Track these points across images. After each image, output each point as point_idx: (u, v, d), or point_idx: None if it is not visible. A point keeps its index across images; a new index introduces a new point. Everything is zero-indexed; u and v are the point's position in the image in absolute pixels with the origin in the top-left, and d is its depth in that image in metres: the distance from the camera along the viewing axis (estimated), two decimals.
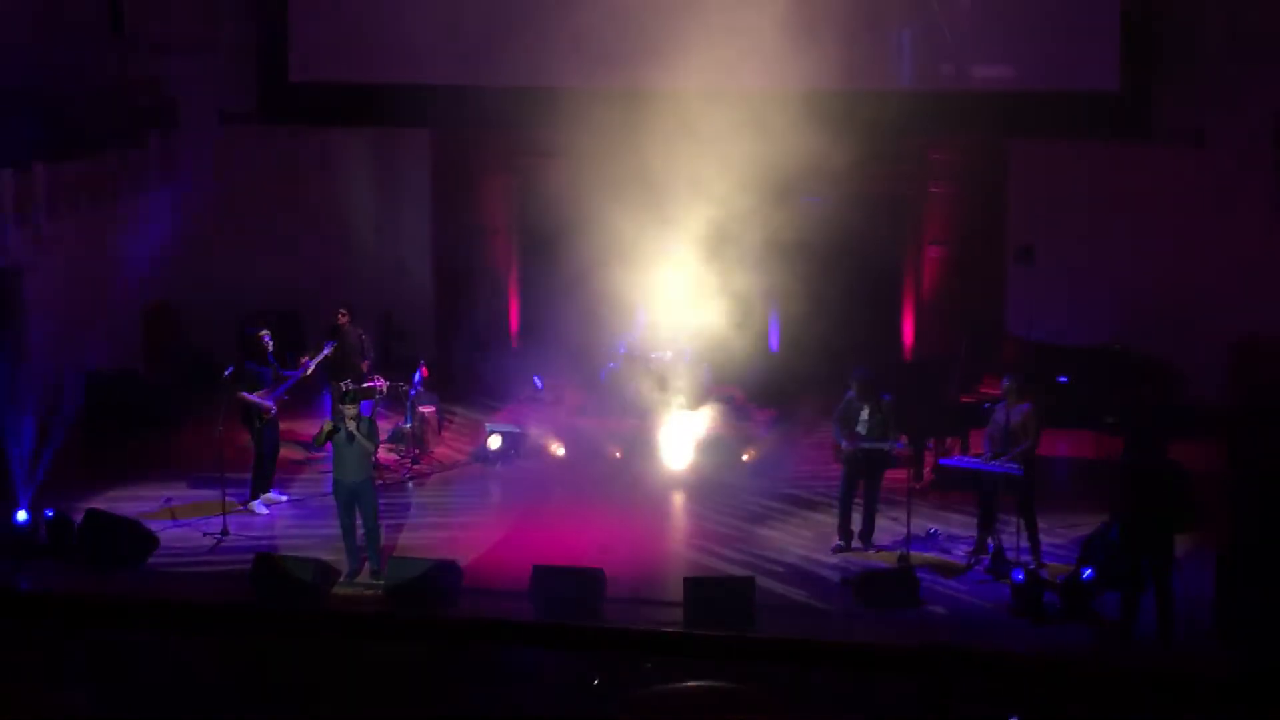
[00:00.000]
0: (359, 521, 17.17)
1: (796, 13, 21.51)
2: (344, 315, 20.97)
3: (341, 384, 19.99)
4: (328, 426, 17.14)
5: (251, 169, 24.23)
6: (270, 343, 19.11)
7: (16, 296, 21.34)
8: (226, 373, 19.12)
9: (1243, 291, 21.34)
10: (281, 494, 19.39)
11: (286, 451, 19.91)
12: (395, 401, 20.77)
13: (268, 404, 18.82)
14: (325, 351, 19.73)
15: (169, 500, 19.31)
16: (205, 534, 18.32)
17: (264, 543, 18.06)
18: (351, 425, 16.94)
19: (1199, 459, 18.74)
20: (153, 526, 18.06)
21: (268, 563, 16.83)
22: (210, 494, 18.85)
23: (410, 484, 20.11)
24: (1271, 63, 20.96)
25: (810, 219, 22.47)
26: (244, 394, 18.83)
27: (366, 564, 17.24)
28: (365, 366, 20.75)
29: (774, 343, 23.88)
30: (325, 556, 17.18)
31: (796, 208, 22.66)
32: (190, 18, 24.27)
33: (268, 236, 24.25)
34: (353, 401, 17.36)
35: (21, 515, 17.84)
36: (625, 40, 22.30)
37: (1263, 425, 19.31)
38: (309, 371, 19.50)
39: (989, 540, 17.30)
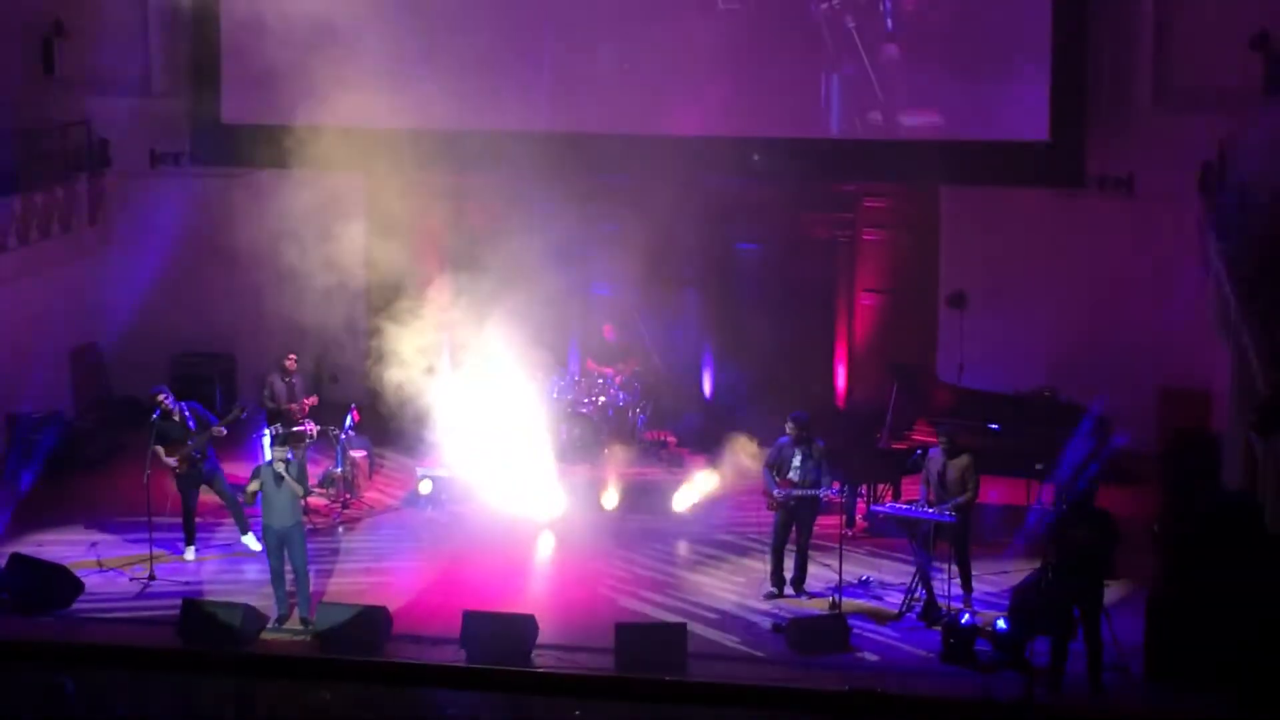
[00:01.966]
0: (288, 566, 17.06)
1: (731, 59, 21.61)
2: (293, 360, 20.93)
3: (270, 429, 19.91)
4: (255, 481, 17.08)
5: (182, 211, 24.03)
6: (169, 401, 18.92)
7: None
8: (154, 416, 18.92)
9: (1170, 338, 21.49)
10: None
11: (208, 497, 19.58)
12: (326, 445, 20.64)
13: (170, 462, 18.67)
14: (237, 414, 19.55)
15: (94, 546, 19.07)
16: (131, 579, 18.13)
17: (191, 588, 17.89)
18: (280, 468, 16.87)
19: (1128, 505, 18.88)
20: (79, 571, 17.85)
21: (195, 607, 16.67)
22: (137, 538, 18.67)
23: (341, 528, 19.95)
24: (1198, 113, 21.17)
25: (745, 264, 22.53)
26: (157, 448, 18.70)
27: (295, 609, 17.10)
28: (303, 408, 20.63)
29: (707, 388, 23.85)
30: (253, 602, 17.03)
31: (731, 253, 22.72)
32: (122, 59, 24.07)
33: (199, 278, 24.04)
34: (282, 445, 17.33)
35: None
36: (555, 83, 22.36)
37: (1189, 471, 19.43)
38: (222, 433, 19.27)
39: (920, 587, 17.30)
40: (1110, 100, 22.02)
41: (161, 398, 18.93)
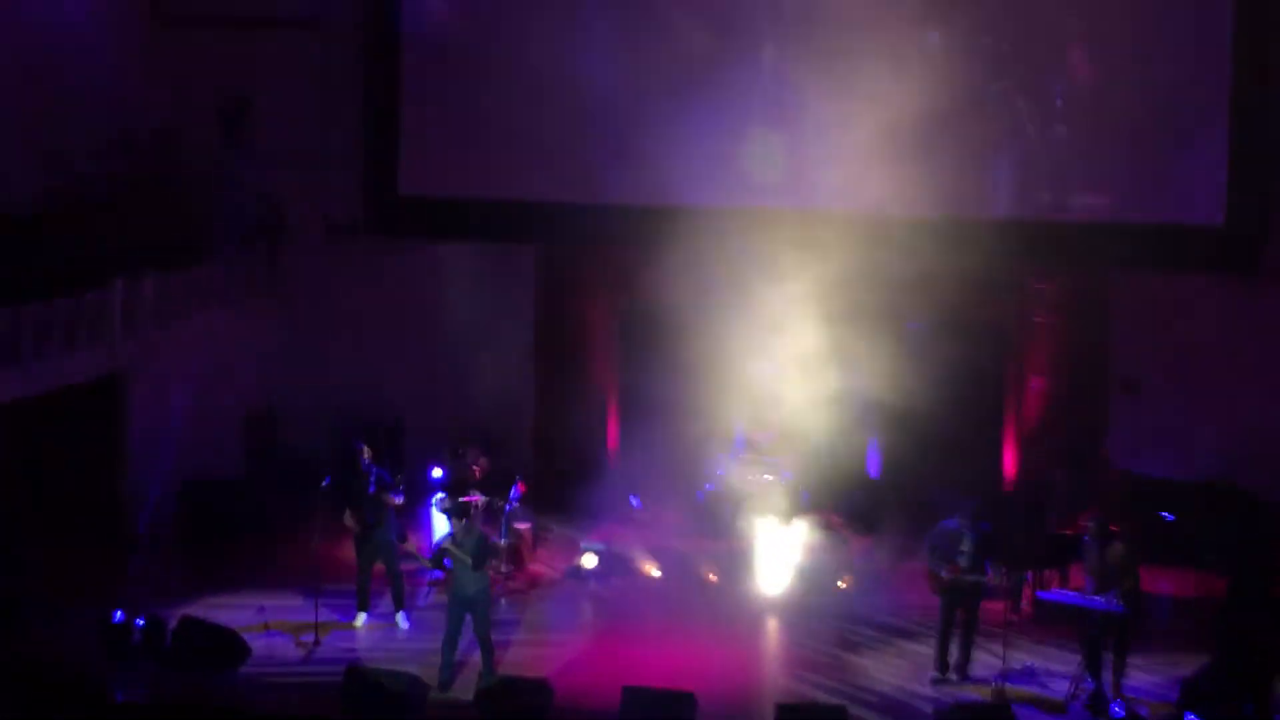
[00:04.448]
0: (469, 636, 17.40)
1: (899, 139, 21.52)
2: (484, 460, 21.25)
3: (437, 501, 20.16)
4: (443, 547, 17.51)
5: (357, 280, 24.45)
6: (365, 459, 19.25)
7: (122, 404, 21.65)
8: (324, 483, 19.20)
9: None
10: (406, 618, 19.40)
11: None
12: (491, 517, 20.79)
13: (348, 522, 18.99)
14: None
15: (263, 609, 19.31)
16: (298, 643, 18.36)
17: (356, 655, 18.07)
18: (447, 543, 17.28)
19: None
20: (246, 635, 18.11)
21: (359, 675, 16.80)
22: (306, 604, 18.93)
23: (504, 600, 20.04)
24: None
25: (913, 344, 22.40)
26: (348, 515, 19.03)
27: (458, 677, 17.26)
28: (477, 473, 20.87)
29: (873, 468, 23.71)
30: (417, 671, 17.15)
31: (900, 333, 22.60)
32: (301, 129, 24.61)
33: (371, 347, 24.40)
34: (457, 515, 17.76)
35: (117, 617, 17.94)
36: (731, 160, 22.41)
37: None
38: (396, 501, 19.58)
39: (1088, 677, 17.00)
40: None
41: (360, 447, 19.31)
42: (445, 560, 17.63)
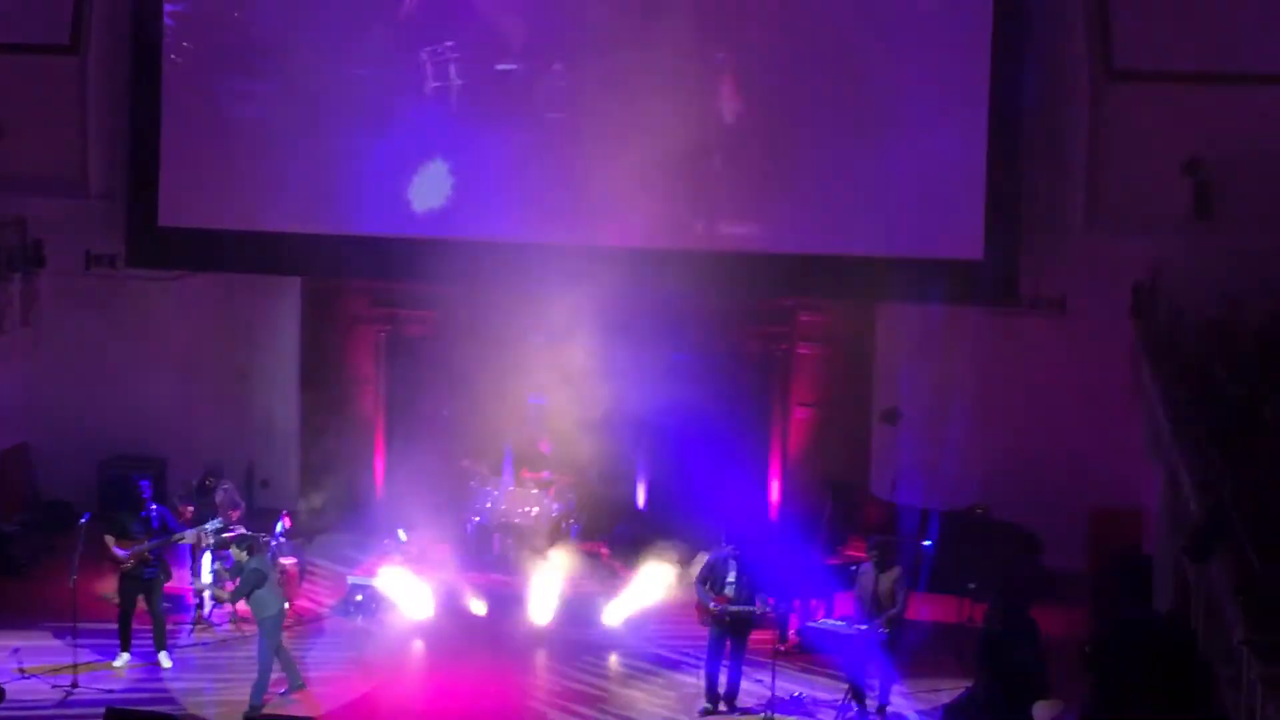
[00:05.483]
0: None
1: (668, 172, 21.68)
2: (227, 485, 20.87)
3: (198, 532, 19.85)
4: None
5: (117, 313, 23.91)
6: (147, 494, 18.95)
7: None
8: (83, 520, 18.74)
9: (1102, 459, 21.67)
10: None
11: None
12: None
13: (120, 554, 18.58)
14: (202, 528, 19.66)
15: (17, 651, 18.75)
16: (53, 686, 17.87)
17: (115, 697, 17.62)
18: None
19: (1060, 625, 18.92)
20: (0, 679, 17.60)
21: (118, 717, 16.38)
22: (61, 645, 18.43)
23: None
24: (1130, 237, 21.49)
25: (682, 374, 22.57)
26: (107, 537, 18.58)
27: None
28: (235, 516, 20.47)
29: (641, 500, 23.83)
30: (179, 712, 16.81)
31: (665, 364, 22.76)
32: (59, 159, 24.01)
33: (132, 383, 23.87)
34: (238, 548, 17.96)
35: None
36: (496, 193, 22.39)
37: (1121, 592, 19.52)
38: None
39: (853, 705, 17.26)
40: (1044, 221, 22.26)
41: (145, 485, 19.05)
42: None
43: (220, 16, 23.29)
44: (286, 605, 18.28)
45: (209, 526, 19.93)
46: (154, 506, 18.96)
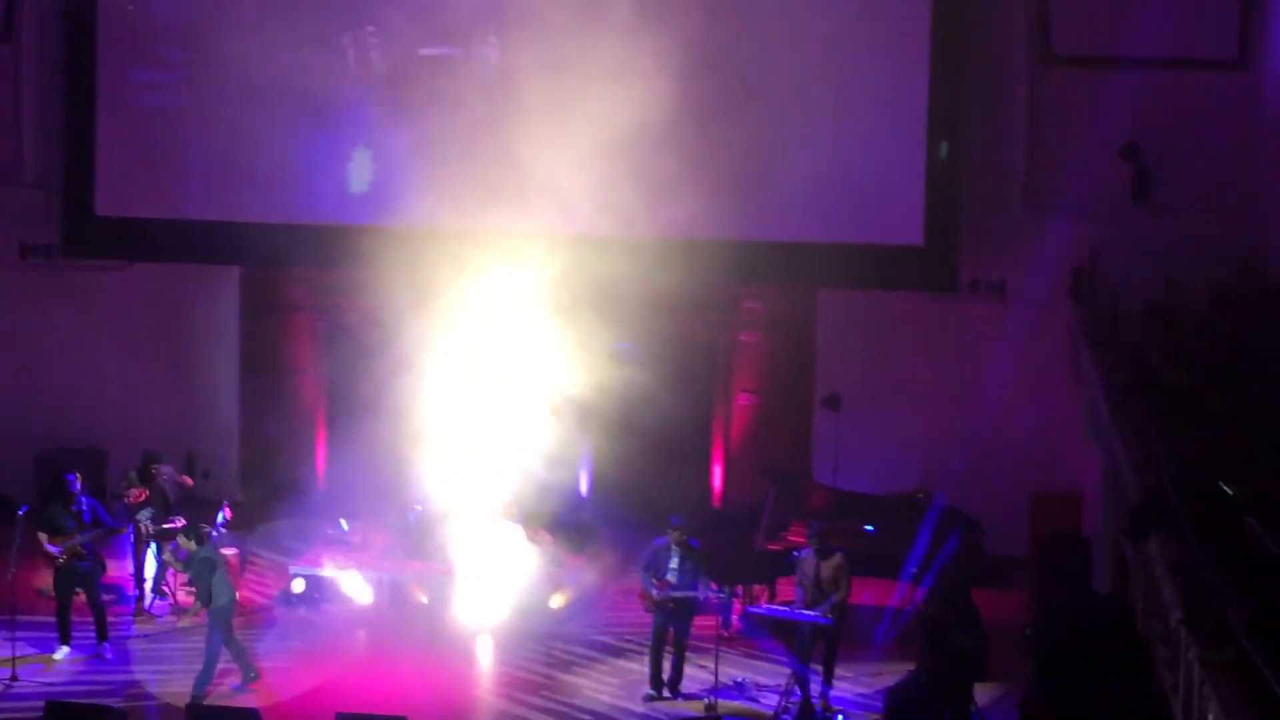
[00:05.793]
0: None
1: (609, 158, 21.63)
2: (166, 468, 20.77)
3: (140, 525, 19.74)
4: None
5: (54, 303, 23.74)
6: (76, 487, 18.74)
7: None
8: (20, 512, 18.59)
9: (1042, 443, 21.81)
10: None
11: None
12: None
13: (53, 550, 18.42)
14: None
15: None
16: None
17: (56, 690, 17.47)
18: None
19: (1000, 607, 19.02)
20: None
21: (59, 710, 16.25)
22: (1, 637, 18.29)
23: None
24: (1069, 221, 21.59)
25: (626, 361, 22.54)
26: (41, 535, 18.40)
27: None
28: (139, 497, 20.36)
29: (584, 487, 23.81)
30: (120, 705, 16.68)
31: (611, 351, 22.74)
32: None
33: (70, 373, 23.70)
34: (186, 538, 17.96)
35: None
36: (439, 181, 22.27)
37: (1060, 574, 19.63)
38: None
39: (797, 690, 17.31)
40: (983, 206, 22.37)
41: (73, 480, 18.80)
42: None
43: (150, 3, 23.15)
44: (236, 595, 18.15)
45: (142, 516, 19.84)
46: (84, 500, 18.79)
